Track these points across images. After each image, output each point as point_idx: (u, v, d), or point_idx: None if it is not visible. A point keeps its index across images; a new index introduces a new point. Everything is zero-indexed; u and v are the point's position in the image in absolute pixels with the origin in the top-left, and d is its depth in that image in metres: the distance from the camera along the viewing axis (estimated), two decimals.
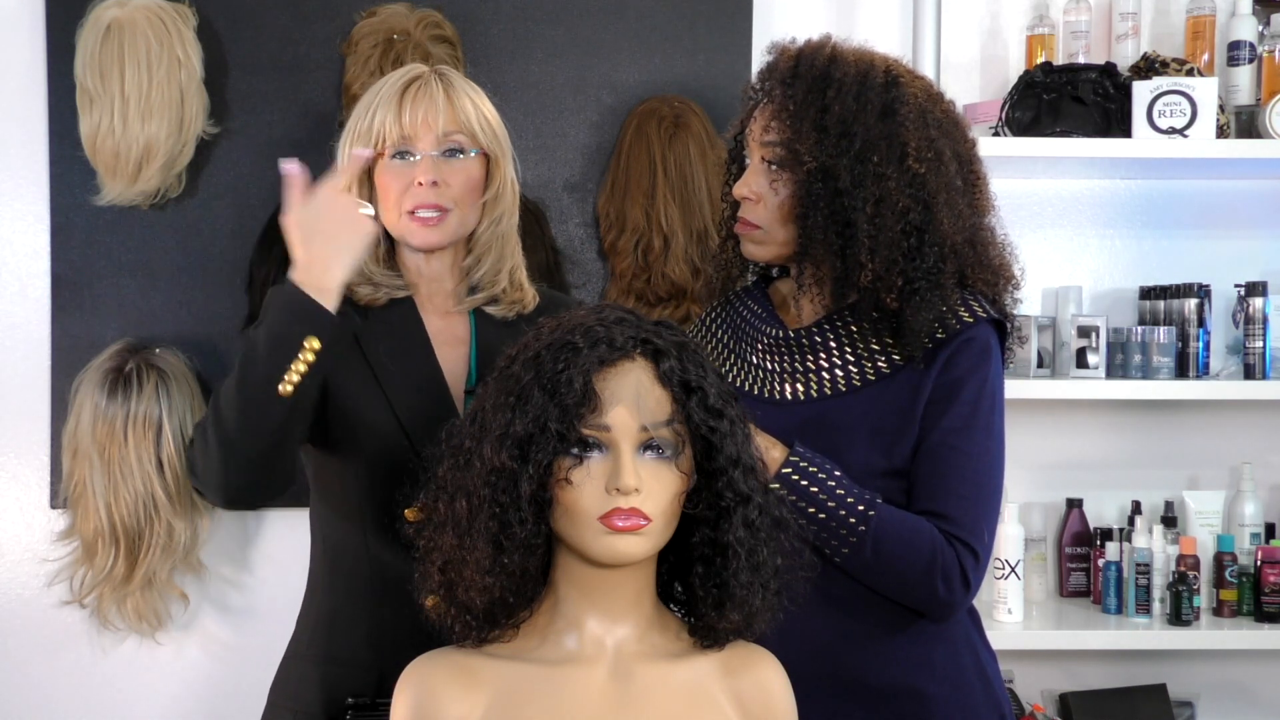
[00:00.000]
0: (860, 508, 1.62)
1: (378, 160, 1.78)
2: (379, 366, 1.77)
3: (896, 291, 1.66)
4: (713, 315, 1.91)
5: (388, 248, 1.84)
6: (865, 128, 1.66)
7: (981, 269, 1.74)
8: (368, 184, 1.80)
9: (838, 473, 1.64)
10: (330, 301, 1.64)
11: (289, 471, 1.69)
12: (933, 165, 1.68)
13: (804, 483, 1.63)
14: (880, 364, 1.71)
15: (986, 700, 1.74)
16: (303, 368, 1.60)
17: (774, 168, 1.72)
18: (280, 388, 1.60)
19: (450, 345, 1.82)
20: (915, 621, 1.69)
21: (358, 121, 1.80)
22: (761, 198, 1.73)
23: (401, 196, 1.77)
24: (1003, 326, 1.75)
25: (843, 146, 1.66)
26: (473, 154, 1.80)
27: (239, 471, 1.64)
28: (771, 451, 1.63)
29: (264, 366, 1.61)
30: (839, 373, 1.72)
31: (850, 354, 1.72)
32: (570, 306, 1.93)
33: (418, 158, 1.77)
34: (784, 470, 1.63)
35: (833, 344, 1.73)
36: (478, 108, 1.82)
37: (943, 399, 1.68)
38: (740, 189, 1.75)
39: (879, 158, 1.66)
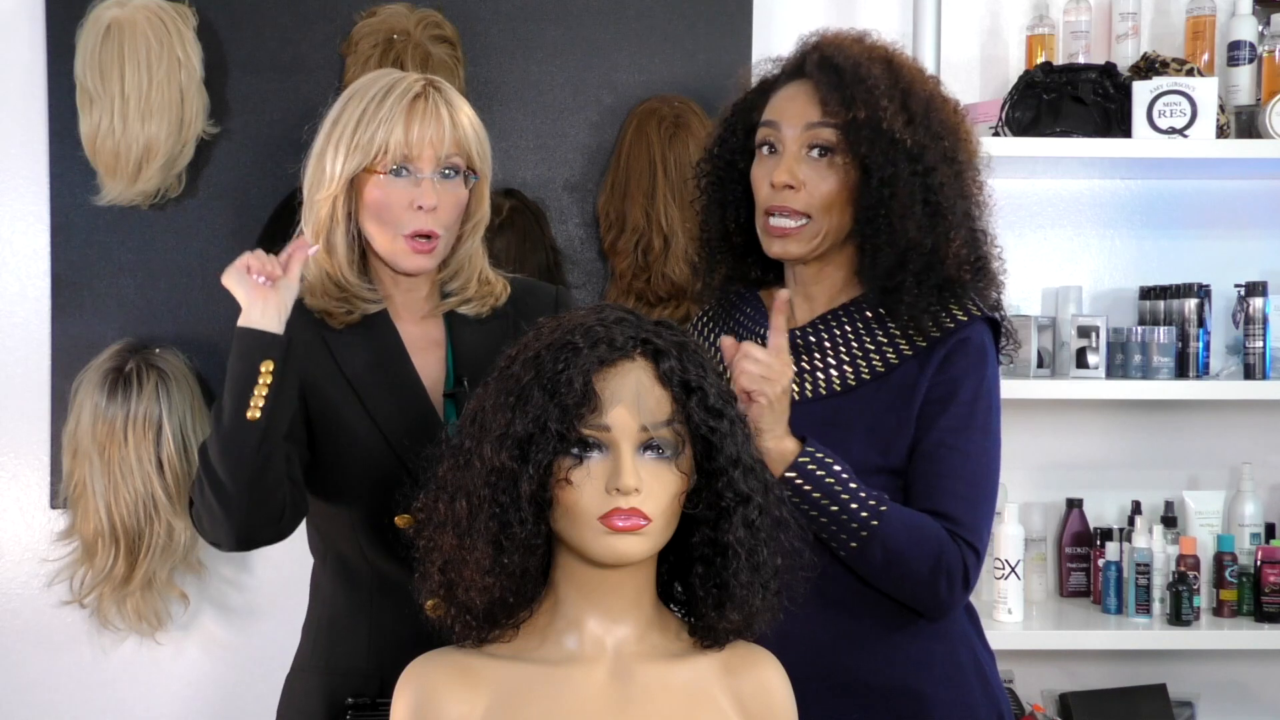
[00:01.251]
0: (872, 503, 1.62)
1: (369, 175, 1.72)
2: (356, 379, 1.76)
3: (971, 267, 1.71)
4: (707, 317, 1.91)
5: (359, 256, 1.80)
6: (940, 113, 1.71)
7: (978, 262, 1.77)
8: (352, 195, 1.75)
9: (848, 467, 1.64)
10: (273, 327, 1.62)
11: (291, 504, 1.68)
12: (962, 151, 1.74)
13: (820, 473, 1.61)
14: (875, 363, 1.71)
15: (985, 698, 1.74)
16: (264, 390, 1.60)
17: (820, 154, 1.70)
18: (249, 414, 1.60)
19: (426, 350, 1.81)
20: (913, 621, 1.69)
21: (356, 132, 1.72)
22: (805, 185, 1.70)
23: (401, 218, 1.72)
24: (997, 325, 1.76)
25: (924, 130, 1.68)
26: (470, 179, 1.77)
27: (235, 510, 1.63)
28: (785, 442, 1.62)
29: (231, 402, 1.61)
30: (834, 373, 1.72)
31: (845, 354, 1.73)
32: (542, 292, 1.93)
33: (417, 177, 1.72)
34: (800, 459, 1.61)
35: (828, 344, 1.74)
36: (474, 126, 1.78)
37: (940, 399, 1.68)
38: (783, 176, 1.69)
39: (949, 143, 1.70)
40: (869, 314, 1.72)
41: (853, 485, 1.62)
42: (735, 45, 2.76)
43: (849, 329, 1.73)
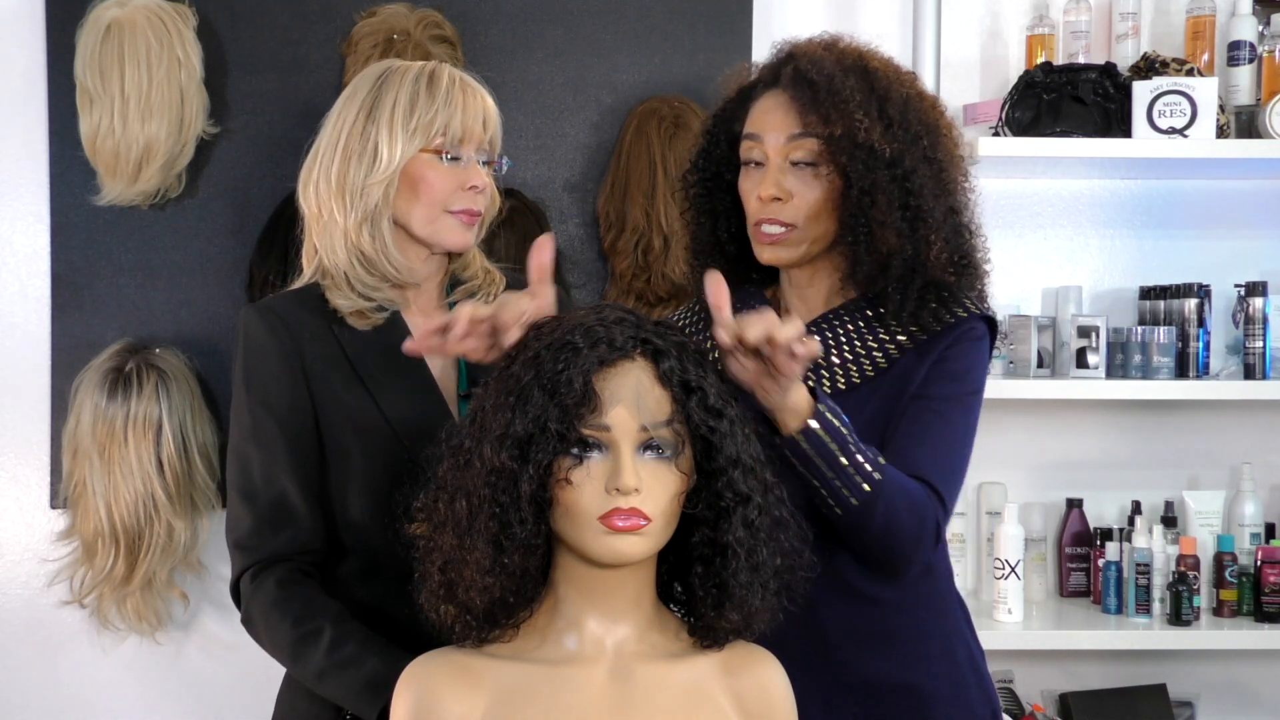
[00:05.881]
0: (872, 455, 1.59)
1: (420, 156, 1.73)
2: (370, 380, 1.74)
3: (954, 267, 1.71)
4: (688, 318, 1.89)
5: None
6: (918, 112, 1.71)
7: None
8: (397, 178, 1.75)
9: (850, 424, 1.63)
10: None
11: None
12: (941, 149, 1.74)
13: (835, 422, 1.56)
14: (877, 359, 1.72)
15: (979, 692, 1.75)
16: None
17: (803, 165, 1.70)
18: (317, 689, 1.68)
19: None
20: (912, 618, 1.70)
21: (415, 114, 1.72)
22: (792, 196, 1.71)
23: (449, 198, 1.75)
24: (994, 323, 1.77)
25: (902, 134, 1.68)
26: (501, 162, 1.80)
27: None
28: (801, 390, 1.54)
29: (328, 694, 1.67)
30: (838, 372, 1.73)
31: (848, 353, 1.73)
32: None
33: (464, 161, 1.75)
34: (820, 407, 1.56)
35: (830, 344, 1.74)
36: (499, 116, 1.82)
37: (936, 373, 1.70)
38: (770, 190, 1.71)
39: (928, 142, 1.70)
40: (869, 313, 1.73)
41: (856, 439, 1.61)
42: (735, 45, 2.76)
43: (850, 328, 1.74)
